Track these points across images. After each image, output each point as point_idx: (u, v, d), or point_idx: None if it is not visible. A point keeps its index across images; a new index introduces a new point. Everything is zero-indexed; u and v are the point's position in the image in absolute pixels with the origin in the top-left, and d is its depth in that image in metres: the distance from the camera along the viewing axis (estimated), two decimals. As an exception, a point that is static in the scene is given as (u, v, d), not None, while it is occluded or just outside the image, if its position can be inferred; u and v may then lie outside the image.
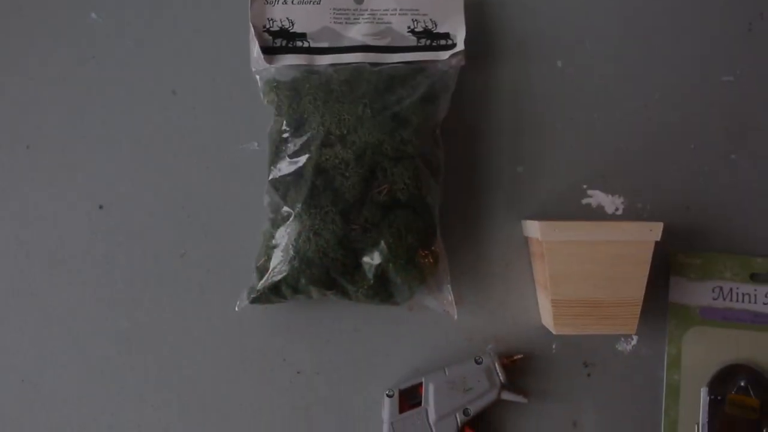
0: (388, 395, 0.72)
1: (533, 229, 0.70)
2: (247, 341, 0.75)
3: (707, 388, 0.73)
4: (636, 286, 0.69)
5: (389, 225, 0.70)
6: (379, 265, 0.70)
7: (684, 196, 0.77)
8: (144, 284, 0.76)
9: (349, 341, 0.75)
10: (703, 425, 0.73)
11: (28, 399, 0.75)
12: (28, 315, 0.75)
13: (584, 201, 0.77)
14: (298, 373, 0.75)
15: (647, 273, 0.68)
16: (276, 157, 0.72)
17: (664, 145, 0.78)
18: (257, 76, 0.75)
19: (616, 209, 0.77)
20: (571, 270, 0.68)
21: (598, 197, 0.77)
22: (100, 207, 0.77)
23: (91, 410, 0.75)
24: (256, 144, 0.77)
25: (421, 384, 0.72)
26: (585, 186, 0.77)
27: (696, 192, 0.77)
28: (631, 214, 0.77)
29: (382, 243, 0.69)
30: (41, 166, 0.77)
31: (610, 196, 0.77)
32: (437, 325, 0.75)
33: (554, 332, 0.70)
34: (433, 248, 0.71)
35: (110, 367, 0.75)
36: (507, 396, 0.72)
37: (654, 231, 0.68)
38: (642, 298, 0.69)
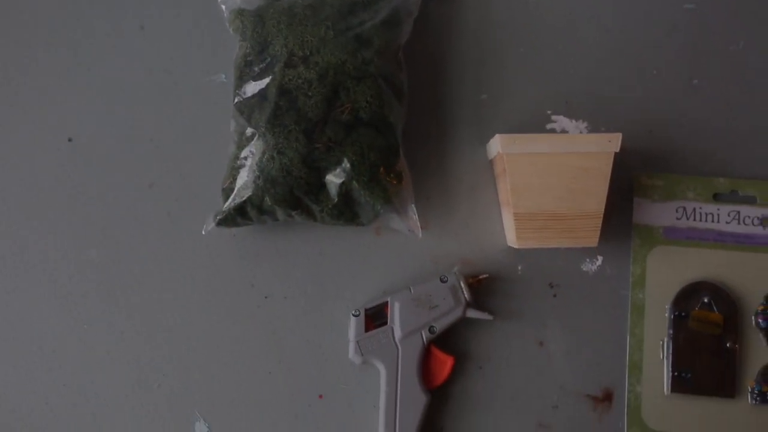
0: (354, 315, 0.73)
1: (495, 145, 0.71)
2: (215, 267, 0.76)
3: (671, 305, 0.74)
4: (597, 199, 0.69)
5: (352, 143, 0.70)
6: (343, 183, 0.70)
7: (647, 120, 0.78)
8: (113, 215, 0.77)
9: (317, 265, 0.76)
10: (667, 341, 0.73)
11: (-3, 326, 0.75)
12: (-3, 244, 0.76)
13: (548, 126, 0.78)
14: (266, 297, 0.76)
15: (607, 185, 0.69)
16: (240, 81, 0.73)
17: (628, 70, 0.78)
18: (223, 6, 0.76)
19: (580, 134, 0.78)
20: (532, 183, 0.69)
21: (561, 122, 0.78)
22: (70, 140, 0.78)
23: (59, 337, 0.75)
24: (223, 76, 0.78)
25: (386, 303, 0.73)
26: (549, 112, 0.78)
27: (659, 116, 0.78)
28: (594, 138, 0.77)
29: (345, 161, 0.70)
30: (10, 101, 0.77)
31: (573, 121, 0.78)
32: (403, 248, 0.76)
33: (516, 246, 0.70)
34: (396, 167, 0.72)
35: (79, 296, 0.75)
36: (472, 313, 0.72)
37: (613, 142, 0.68)
38: (603, 211, 0.69)
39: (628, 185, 0.77)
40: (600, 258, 0.76)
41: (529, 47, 0.78)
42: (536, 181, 0.69)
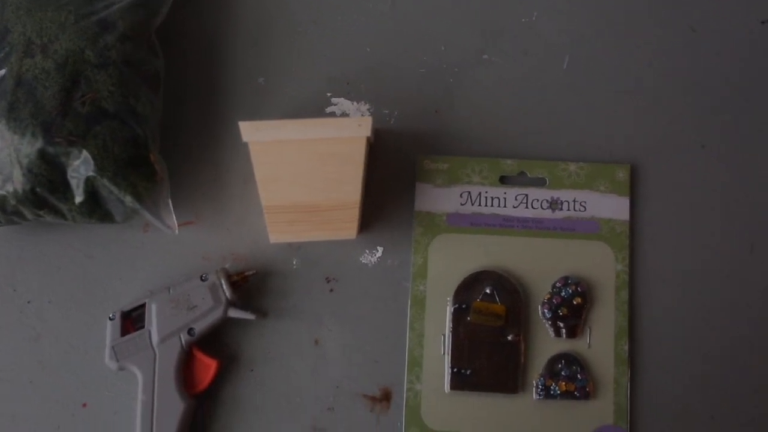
0: (110, 318, 0.68)
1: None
2: (-26, 272, 0.71)
3: (452, 297, 0.69)
4: (352, 187, 0.65)
5: (94, 136, 0.66)
6: (88, 179, 0.66)
7: (433, 100, 0.73)
8: None
9: (83, 267, 0.71)
10: (448, 336, 0.69)
11: None
12: None
13: (328, 110, 0.73)
14: (28, 302, 0.71)
15: (362, 172, 0.65)
16: (-17, 73, 0.68)
17: (414, 46, 0.74)
18: (-25, -7, 0.71)
19: (362, 116, 0.73)
20: (281, 173, 0.64)
21: (342, 105, 0.73)
22: None
23: None
24: (-14, 67, 0.73)
25: (145, 305, 0.68)
26: (329, 94, 0.73)
27: (446, 95, 0.73)
28: (378, 120, 0.72)
29: (87, 155, 0.65)
30: None
31: (355, 103, 0.73)
32: (173, 246, 0.71)
33: (270, 241, 0.66)
34: (148, 160, 0.67)
35: None
36: (234, 313, 0.68)
37: (363, 126, 0.64)
38: (359, 200, 0.65)
39: (412, 170, 0.72)
40: (380, 249, 0.71)
41: (308, 26, 0.74)
42: (285, 171, 0.64)
